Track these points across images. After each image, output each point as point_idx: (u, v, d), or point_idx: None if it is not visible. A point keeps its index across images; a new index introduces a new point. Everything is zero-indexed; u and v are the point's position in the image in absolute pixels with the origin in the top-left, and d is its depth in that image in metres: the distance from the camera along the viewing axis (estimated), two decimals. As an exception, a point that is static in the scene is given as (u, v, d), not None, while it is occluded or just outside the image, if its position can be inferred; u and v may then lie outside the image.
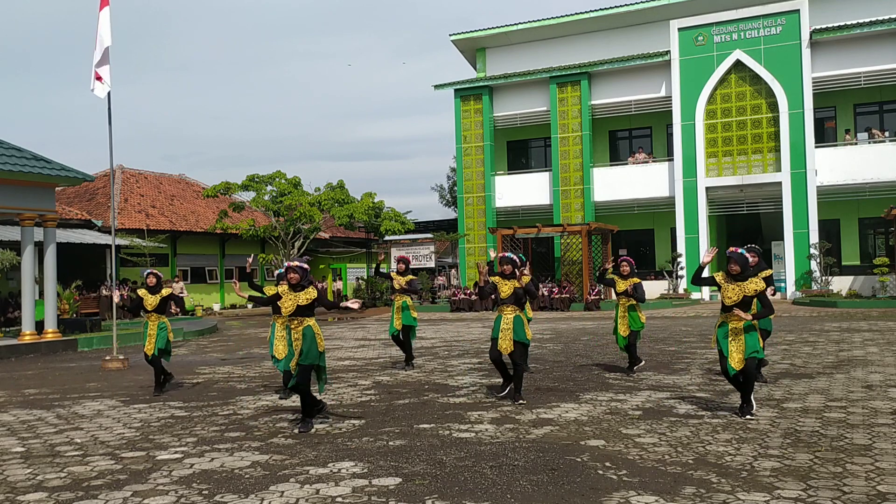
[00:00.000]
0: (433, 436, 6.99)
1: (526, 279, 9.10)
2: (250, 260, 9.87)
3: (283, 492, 5.34)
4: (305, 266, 7.66)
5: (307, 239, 29.65)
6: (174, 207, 33.98)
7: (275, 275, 10.74)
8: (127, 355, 14.31)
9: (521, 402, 8.35)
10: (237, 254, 35.67)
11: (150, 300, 10.18)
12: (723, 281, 7.34)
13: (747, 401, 7.36)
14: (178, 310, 12.75)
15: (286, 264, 7.67)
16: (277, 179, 29.53)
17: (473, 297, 28.01)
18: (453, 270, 38.43)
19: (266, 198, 29.49)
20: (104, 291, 26.80)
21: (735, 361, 7.22)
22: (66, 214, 28.37)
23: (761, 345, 7.54)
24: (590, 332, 17.81)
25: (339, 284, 37.09)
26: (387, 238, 33.97)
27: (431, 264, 33.61)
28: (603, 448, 6.35)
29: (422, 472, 5.77)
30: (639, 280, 10.42)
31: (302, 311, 7.45)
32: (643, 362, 10.95)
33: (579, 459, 5.99)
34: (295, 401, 8.83)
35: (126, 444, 7.04)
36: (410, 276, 11.78)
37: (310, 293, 7.47)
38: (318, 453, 6.44)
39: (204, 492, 5.41)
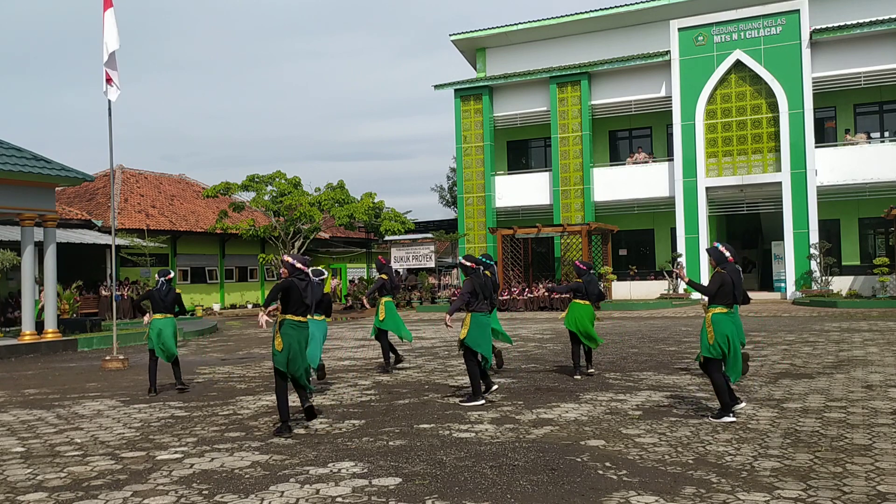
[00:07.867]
0: (433, 436, 6.99)
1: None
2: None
3: (283, 492, 5.34)
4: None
5: (307, 239, 29.65)
6: (174, 207, 33.96)
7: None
8: (127, 355, 14.31)
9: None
10: (237, 254, 35.65)
11: None
12: None
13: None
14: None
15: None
16: (277, 179, 29.52)
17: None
18: (454, 270, 38.41)
19: (266, 198, 29.49)
20: (103, 292, 26.79)
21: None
22: (66, 214, 28.36)
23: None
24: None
25: (335, 282, 37.00)
26: (387, 238, 33.97)
27: (431, 264, 33.57)
28: (603, 448, 6.35)
29: (422, 472, 5.77)
30: None
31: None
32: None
33: (579, 459, 5.99)
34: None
35: (126, 444, 7.04)
36: None
37: None
38: (318, 453, 6.44)
39: (204, 492, 5.41)
